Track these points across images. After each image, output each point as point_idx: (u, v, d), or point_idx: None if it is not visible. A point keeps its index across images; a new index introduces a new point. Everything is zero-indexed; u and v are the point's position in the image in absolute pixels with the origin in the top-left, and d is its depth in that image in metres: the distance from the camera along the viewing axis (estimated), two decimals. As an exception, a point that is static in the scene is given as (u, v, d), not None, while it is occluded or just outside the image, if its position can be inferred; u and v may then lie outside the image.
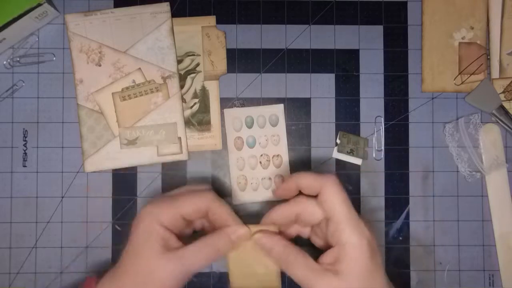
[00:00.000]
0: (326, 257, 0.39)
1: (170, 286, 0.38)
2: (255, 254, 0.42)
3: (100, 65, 0.51)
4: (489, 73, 0.53)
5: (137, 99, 0.51)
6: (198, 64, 0.52)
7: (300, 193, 0.43)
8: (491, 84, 0.52)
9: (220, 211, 0.41)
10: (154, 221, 0.39)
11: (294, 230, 0.44)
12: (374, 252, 0.38)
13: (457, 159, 0.52)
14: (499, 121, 0.51)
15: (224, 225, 0.41)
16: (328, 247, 0.40)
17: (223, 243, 0.41)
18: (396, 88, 0.53)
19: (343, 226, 0.38)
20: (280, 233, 0.42)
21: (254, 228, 0.42)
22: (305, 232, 0.44)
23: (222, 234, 0.41)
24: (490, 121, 0.53)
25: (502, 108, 0.51)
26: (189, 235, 0.45)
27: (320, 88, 0.52)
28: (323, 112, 0.52)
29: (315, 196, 0.41)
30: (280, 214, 0.42)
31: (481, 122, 0.52)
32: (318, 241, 0.43)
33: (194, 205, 0.41)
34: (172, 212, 0.40)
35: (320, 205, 0.40)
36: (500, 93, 0.52)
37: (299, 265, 0.39)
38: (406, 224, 0.52)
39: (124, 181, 0.51)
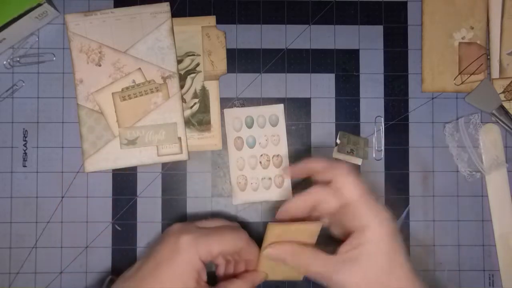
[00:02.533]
0: (346, 246, 0.38)
1: None
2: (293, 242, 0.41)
3: (100, 65, 0.51)
4: (489, 73, 0.53)
5: (137, 99, 0.51)
6: (198, 64, 0.52)
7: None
8: (491, 84, 0.52)
9: (253, 252, 0.43)
10: (197, 255, 0.39)
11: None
12: (394, 233, 0.38)
13: (457, 159, 0.52)
14: (499, 121, 0.51)
15: (248, 263, 0.43)
16: (347, 236, 0.39)
17: None
18: (396, 88, 0.53)
19: (361, 210, 0.38)
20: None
21: (275, 226, 0.42)
22: (325, 222, 0.43)
23: (246, 281, 0.42)
24: (490, 121, 0.53)
25: (502, 108, 0.51)
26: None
27: (320, 88, 0.52)
28: (323, 112, 0.52)
29: (327, 184, 0.40)
30: (295, 205, 0.42)
31: (481, 122, 0.52)
32: (337, 231, 0.42)
33: (235, 245, 0.41)
34: (215, 248, 0.40)
35: (335, 193, 0.39)
36: (500, 93, 0.52)
37: (316, 264, 0.39)
38: (406, 224, 0.52)
39: (124, 181, 0.51)
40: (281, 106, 0.52)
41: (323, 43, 0.52)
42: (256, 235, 0.47)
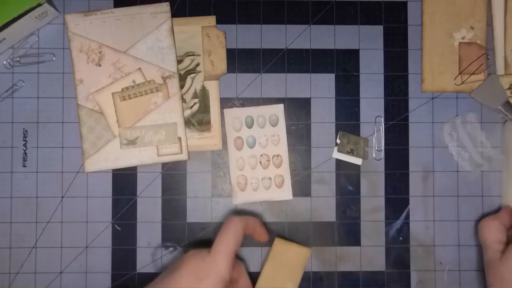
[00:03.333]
0: None
1: None
2: (289, 268, 0.47)
3: (100, 65, 0.51)
4: (492, 71, 0.53)
5: (137, 99, 0.51)
6: (198, 64, 0.52)
7: None
8: (498, 80, 0.52)
9: (251, 223, 0.46)
10: (223, 282, 0.42)
11: None
12: None
13: (457, 158, 0.52)
14: (504, 117, 0.51)
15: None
16: None
17: None
18: (396, 88, 0.53)
19: None
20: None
21: (282, 242, 0.48)
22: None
23: None
24: (490, 119, 0.52)
25: (508, 104, 0.51)
26: None
27: (320, 88, 0.52)
28: (323, 112, 0.52)
29: None
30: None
31: (479, 122, 0.52)
32: None
33: (235, 234, 0.44)
34: (228, 255, 0.43)
35: None
36: (506, 89, 0.52)
37: None
38: (406, 224, 0.52)
39: (124, 181, 0.51)
40: (281, 106, 0.52)
41: (323, 43, 0.52)
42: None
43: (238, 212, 0.52)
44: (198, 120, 0.52)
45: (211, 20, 0.52)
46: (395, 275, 0.51)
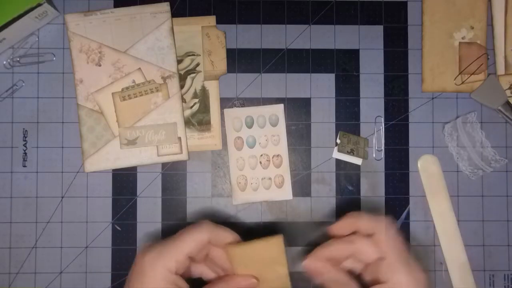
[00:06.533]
0: None
1: None
2: (262, 259, 0.41)
3: (100, 65, 0.51)
4: (495, 70, 0.53)
5: (137, 99, 0.51)
6: (198, 64, 0.52)
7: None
8: (497, 80, 0.52)
9: (223, 237, 0.41)
10: (164, 268, 0.38)
11: (347, 265, 0.44)
12: None
13: (457, 158, 0.52)
14: (504, 117, 0.51)
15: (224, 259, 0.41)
16: (376, 283, 0.41)
17: None
18: (396, 88, 0.53)
19: (396, 267, 0.40)
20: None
21: (235, 248, 0.41)
22: (357, 267, 0.44)
23: (231, 282, 0.41)
24: (491, 118, 0.52)
25: (508, 104, 0.51)
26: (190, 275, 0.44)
27: (320, 88, 0.52)
28: (323, 112, 0.52)
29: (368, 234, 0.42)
30: (335, 250, 0.42)
31: (479, 122, 0.52)
32: (368, 276, 0.43)
33: (198, 240, 0.40)
34: (179, 254, 0.39)
35: (375, 245, 0.41)
36: (506, 89, 0.52)
37: None
38: (406, 224, 0.52)
39: (124, 181, 0.51)
40: (281, 106, 0.52)
41: (323, 43, 0.52)
42: (256, 236, 0.47)
43: (235, 216, 0.52)
44: (198, 120, 0.52)
45: (211, 20, 0.52)
46: (395, 275, 0.51)
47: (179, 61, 0.51)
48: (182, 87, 0.51)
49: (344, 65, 0.53)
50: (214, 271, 0.43)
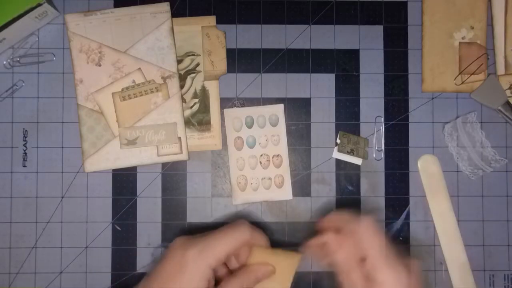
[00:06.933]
0: None
1: None
2: (275, 267, 0.43)
3: (100, 65, 0.51)
4: (495, 70, 0.53)
5: (137, 99, 0.51)
6: (198, 64, 0.52)
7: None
8: (497, 80, 0.52)
9: (259, 239, 0.43)
10: (206, 265, 0.40)
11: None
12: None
13: (457, 158, 0.52)
14: (504, 117, 0.51)
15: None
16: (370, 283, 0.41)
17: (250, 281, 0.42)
18: (396, 88, 0.53)
19: (380, 266, 0.40)
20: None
21: (260, 250, 0.44)
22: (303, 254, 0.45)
23: (250, 272, 0.42)
24: (491, 118, 0.52)
25: (508, 104, 0.51)
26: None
27: (320, 88, 0.52)
28: (323, 112, 0.52)
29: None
30: (334, 218, 0.44)
31: (479, 122, 0.52)
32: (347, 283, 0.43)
33: (240, 240, 0.42)
34: (221, 252, 0.41)
35: (357, 245, 0.41)
36: (506, 89, 0.52)
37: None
38: (406, 224, 0.52)
39: (124, 181, 0.51)
40: (281, 106, 0.52)
41: (323, 43, 0.52)
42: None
43: (240, 215, 0.52)
44: (198, 120, 0.52)
45: (211, 20, 0.52)
46: (395, 275, 0.51)
47: (179, 61, 0.51)
48: (182, 87, 0.51)
49: (344, 65, 0.53)
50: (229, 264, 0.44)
